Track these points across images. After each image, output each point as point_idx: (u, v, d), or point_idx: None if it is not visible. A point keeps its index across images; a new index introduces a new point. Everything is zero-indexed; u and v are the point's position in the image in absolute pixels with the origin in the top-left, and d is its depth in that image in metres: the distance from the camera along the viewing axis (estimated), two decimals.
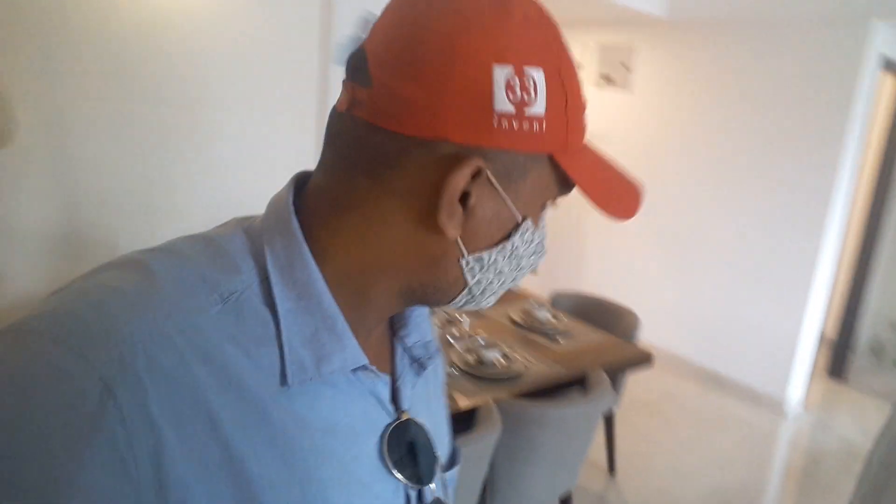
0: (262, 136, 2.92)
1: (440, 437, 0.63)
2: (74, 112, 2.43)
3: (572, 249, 5.27)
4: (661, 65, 4.47)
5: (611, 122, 4.86)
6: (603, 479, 3.06)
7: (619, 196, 0.52)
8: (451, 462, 0.66)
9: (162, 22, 2.54)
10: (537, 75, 0.45)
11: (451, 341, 2.35)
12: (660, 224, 4.59)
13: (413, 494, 0.55)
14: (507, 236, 0.50)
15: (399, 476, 0.52)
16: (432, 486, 0.56)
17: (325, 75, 3.01)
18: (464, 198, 0.47)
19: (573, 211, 5.20)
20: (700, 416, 3.79)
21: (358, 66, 0.47)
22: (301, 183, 0.53)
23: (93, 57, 2.41)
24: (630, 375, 3.16)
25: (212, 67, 2.70)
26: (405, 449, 0.54)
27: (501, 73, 0.44)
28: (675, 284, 4.51)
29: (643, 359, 2.60)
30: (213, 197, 2.83)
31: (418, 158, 0.46)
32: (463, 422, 1.94)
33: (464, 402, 2.02)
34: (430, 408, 0.63)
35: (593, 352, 2.59)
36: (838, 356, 4.48)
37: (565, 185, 0.51)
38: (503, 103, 0.44)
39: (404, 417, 0.55)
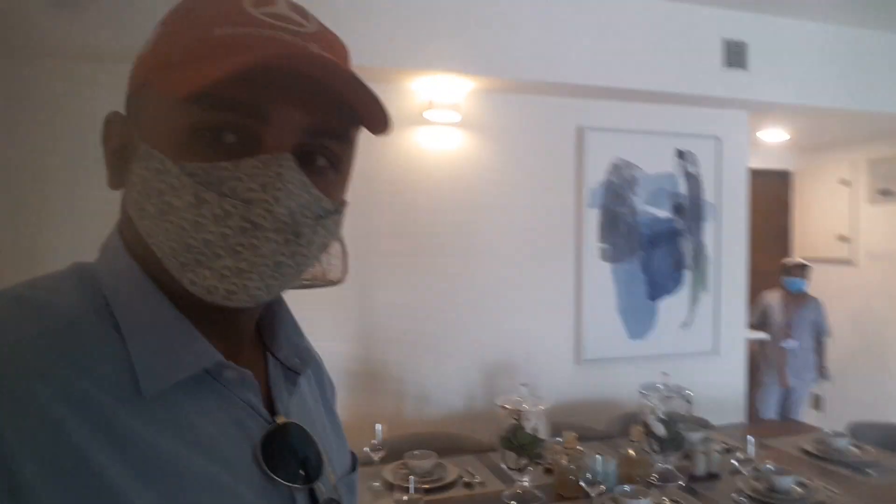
0: (527, 279, 3.22)
1: (332, 443, 0.64)
2: (371, 264, 2.96)
3: (870, 381, 4.63)
4: None
5: (895, 238, 4.40)
6: None
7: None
8: (352, 467, 0.66)
9: (439, 183, 3.06)
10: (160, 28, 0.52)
11: (737, 465, 2.24)
12: None
13: (301, 498, 0.54)
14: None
15: (279, 479, 0.52)
16: (320, 485, 0.55)
17: (580, 219, 3.28)
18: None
19: (868, 336, 4.65)
20: None
21: None
22: None
23: (386, 219, 2.97)
24: None
25: (483, 219, 3.12)
26: (288, 453, 0.54)
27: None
28: None
29: None
30: (482, 335, 3.15)
31: None
32: None
33: None
34: (315, 415, 0.64)
35: None
36: None
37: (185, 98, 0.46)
38: None
39: (280, 421, 0.55)
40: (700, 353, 3.54)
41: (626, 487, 2.02)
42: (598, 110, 3.29)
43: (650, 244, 3.41)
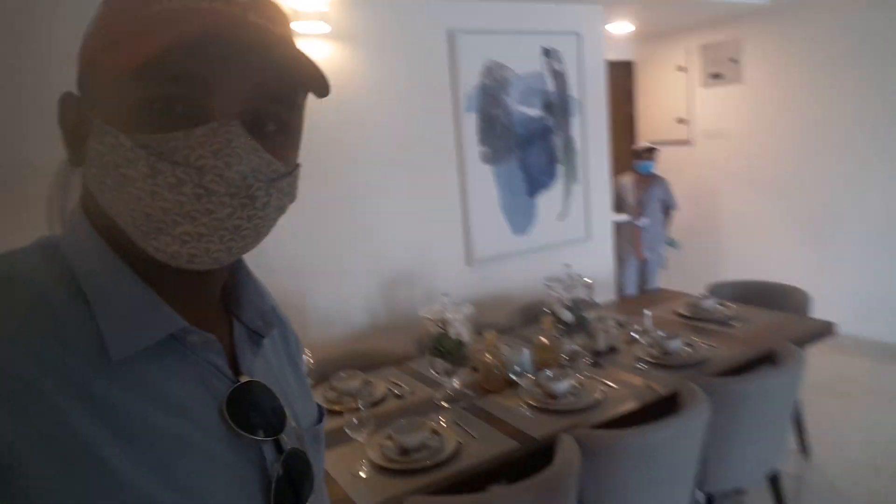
0: (413, 188, 3.23)
1: (297, 397, 0.68)
2: None
3: (706, 248, 5.26)
4: (770, 51, 4.48)
5: (726, 117, 4.89)
6: (797, 461, 3.04)
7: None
8: (318, 418, 0.72)
9: (312, 100, 2.93)
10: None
11: (636, 337, 2.50)
12: (795, 207, 4.53)
13: (268, 449, 0.58)
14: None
15: (245, 433, 0.55)
16: (284, 437, 0.59)
17: (458, 124, 3.30)
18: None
19: (704, 207, 5.22)
20: (882, 390, 3.66)
21: None
22: None
23: None
24: None
25: (363, 133, 3.04)
26: (253, 409, 0.57)
27: None
28: (820, 264, 4.41)
29: (825, 329, 2.62)
30: (376, 250, 3.15)
31: None
32: (669, 405, 2.08)
33: (663, 390, 2.16)
34: (279, 373, 0.67)
35: (773, 330, 2.64)
36: None
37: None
38: None
39: (244, 380, 0.58)
40: (575, 240, 3.81)
41: (549, 373, 2.19)
42: (466, 12, 3.26)
43: (525, 143, 3.53)
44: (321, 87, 0.53)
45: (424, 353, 2.19)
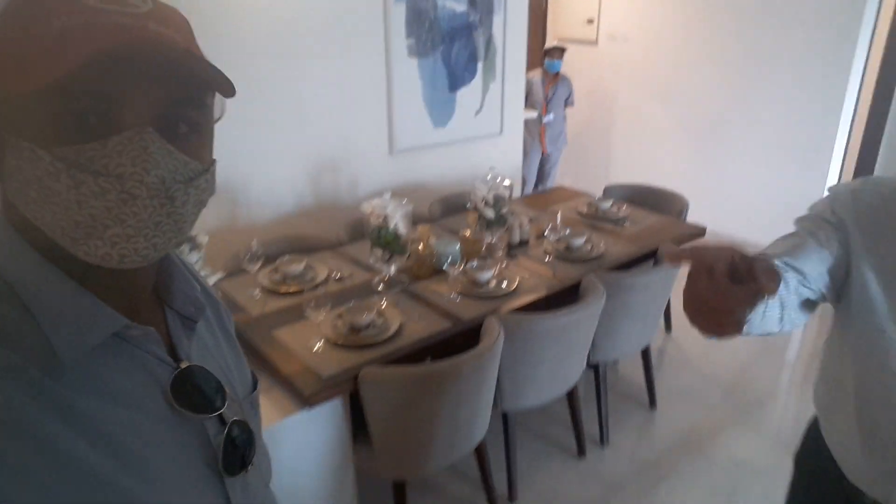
0: (340, 77, 3.27)
1: (233, 371, 0.75)
2: None
3: (600, 147, 5.68)
4: None
5: (629, 21, 5.16)
6: (662, 337, 3.66)
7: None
8: (253, 386, 0.80)
9: None
10: None
11: (546, 234, 2.85)
12: (685, 116, 4.99)
13: (212, 424, 0.64)
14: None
15: (189, 413, 0.61)
16: (226, 411, 0.66)
17: (387, 15, 3.33)
18: None
19: (602, 108, 5.58)
20: None
21: None
22: None
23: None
24: None
25: (294, 20, 3.02)
26: (194, 390, 0.63)
27: None
28: (702, 170, 4.97)
29: (699, 233, 3.11)
30: (304, 137, 3.23)
31: None
32: (571, 293, 2.47)
33: (566, 281, 2.54)
34: (215, 351, 0.73)
35: (656, 231, 3.09)
36: None
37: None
38: None
39: (184, 365, 0.63)
40: (489, 135, 4.05)
41: (474, 263, 2.51)
42: None
43: (449, 39, 3.63)
44: (226, 87, 0.56)
45: (370, 243, 2.41)
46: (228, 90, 0.56)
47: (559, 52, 4.89)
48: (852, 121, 4.44)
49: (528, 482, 2.58)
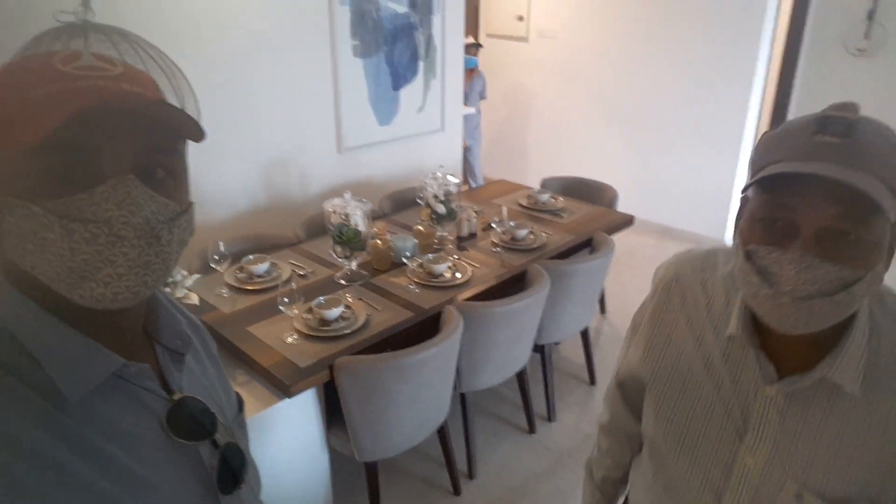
0: (289, 77, 3.36)
1: (220, 394, 0.81)
2: None
3: (530, 141, 5.95)
4: None
5: (557, 17, 5.42)
6: (597, 318, 3.95)
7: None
8: (239, 407, 0.86)
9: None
10: None
11: (493, 226, 3.06)
12: (610, 109, 5.31)
13: (205, 448, 0.70)
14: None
15: (185, 441, 0.67)
16: (218, 435, 0.71)
17: (332, 17, 3.43)
18: None
19: (528, 107, 5.83)
20: (660, 259, 4.71)
21: None
22: None
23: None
24: None
25: (241, 21, 3.10)
26: (188, 419, 0.69)
27: None
28: (627, 158, 5.31)
29: (627, 221, 3.40)
30: (255, 135, 3.31)
31: None
32: (517, 281, 2.69)
33: (515, 268, 2.76)
34: (203, 379, 0.79)
35: (590, 220, 3.36)
36: None
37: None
38: None
39: (177, 398, 0.69)
40: (431, 131, 4.22)
41: (430, 256, 2.69)
42: None
43: (392, 39, 3.77)
44: (196, 133, 0.62)
45: (332, 240, 2.54)
46: (198, 135, 0.62)
47: (475, 47, 5.13)
48: (760, 110, 4.86)
49: (485, 459, 2.80)
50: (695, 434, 0.92)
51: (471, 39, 5.19)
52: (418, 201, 3.03)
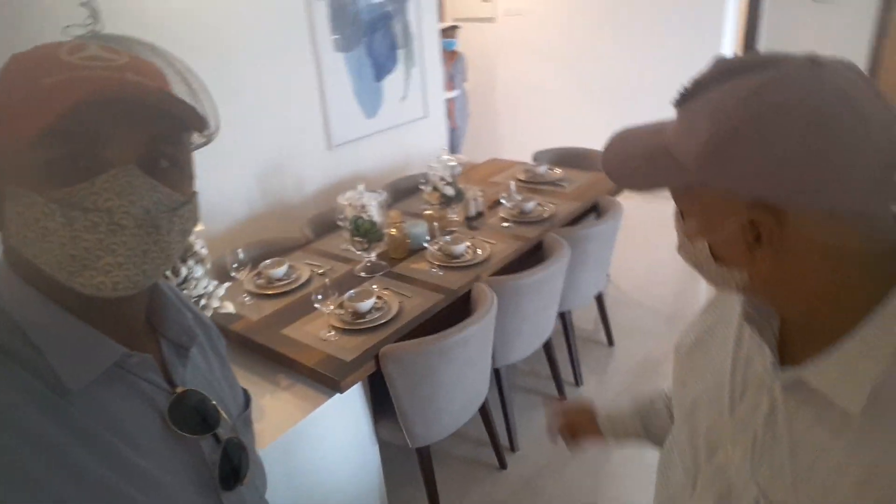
0: (273, 78, 3.32)
1: (226, 391, 0.80)
2: None
3: (506, 119, 5.97)
4: None
5: (525, 1, 5.44)
6: (604, 282, 3.99)
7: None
8: (245, 405, 0.85)
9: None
10: None
11: (502, 201, 3.07)
12: (586, 78, 5.35)
13: (207, 443, 0.70)
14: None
15: (187, 435, 0.67)
16: (220, 430, 0.71)
17: (310, 13, 3.40)
18: None
19: (502, 86, 5.84)
20: (654, 220, 4.78)
21: None
22: None
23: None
24: None
25: (226, 42, 3.05)
26: (190, 413, 0.69)
27: None
28: (608, 126, 5.36)
29: None
30: (247, 141, 3.27)
31: None
32: (533, 254, 2.71)
33: (531, 240, 2.78)
34: (208, 374, 0.79)
35: (593, 187, 3.39)
36: None
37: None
38: None
39: (179, 391, 0.69)
40: (415, 119, 4.21)
41: (448, 237, 2.69)
42: None
43: (370, 30, 3.75)
44: (199, 124, 0.62)
45: (349, 234, 2.52)
46: (201, 125, 0.62)
47: (452, 30, 5.12)
48: None
49: (524, 431, 2.83)
50: (700, 407, 0.83)
51: (450, 23, 5.18)
52: (421, 187, 3.03)
